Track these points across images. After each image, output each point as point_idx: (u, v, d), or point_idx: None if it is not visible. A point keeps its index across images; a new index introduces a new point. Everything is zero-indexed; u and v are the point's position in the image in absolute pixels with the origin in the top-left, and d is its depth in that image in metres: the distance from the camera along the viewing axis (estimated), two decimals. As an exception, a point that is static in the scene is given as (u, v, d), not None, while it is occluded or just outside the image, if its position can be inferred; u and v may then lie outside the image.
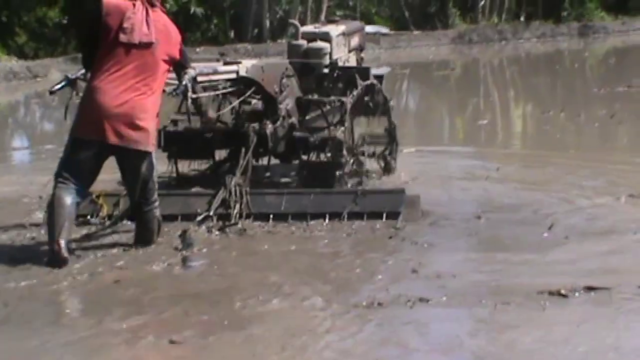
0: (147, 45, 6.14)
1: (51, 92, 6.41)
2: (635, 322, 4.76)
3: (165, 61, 6.25)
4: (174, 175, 7.74)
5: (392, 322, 4.86)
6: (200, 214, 6.81)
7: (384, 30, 29.44)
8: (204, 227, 6.75)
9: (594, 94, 15.74)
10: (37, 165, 10.47)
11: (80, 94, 6.27)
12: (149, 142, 6.16)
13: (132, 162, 6.19)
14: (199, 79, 6.75)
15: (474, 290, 5.23)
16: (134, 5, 6.17)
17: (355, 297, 5.21)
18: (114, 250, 6.24)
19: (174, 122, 7.62)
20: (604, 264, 5.72)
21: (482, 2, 33.33)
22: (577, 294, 5.08)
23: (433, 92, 19.03)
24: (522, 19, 33.76)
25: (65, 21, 27.68)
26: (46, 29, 27.50)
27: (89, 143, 6.12)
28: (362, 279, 5.63)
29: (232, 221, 6.77)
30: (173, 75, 6.54)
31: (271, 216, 6.85)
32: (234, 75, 7.17)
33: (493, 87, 19.62)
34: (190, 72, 6.49)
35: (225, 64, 7.27)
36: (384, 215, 6.80)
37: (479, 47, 28.57)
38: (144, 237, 6.34)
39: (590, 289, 5.11)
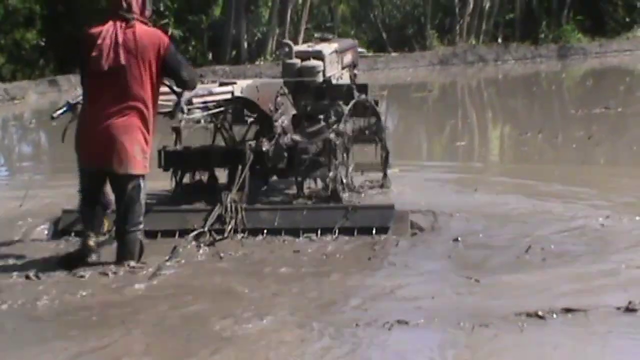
0: (118, 70, 6.14)
1: (53, 118, 6.63)
2: (612, 344, 4.76)
3: (147, 78, 6.21)
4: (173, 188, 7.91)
5: (370, 344, 4.84)
6: (195, 230, 6.91)
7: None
8: (194, 242, 6.80)
9: (571, 115, 15.80)
10: (14, 184, 10.45)
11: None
12: (133, 165, 6.18)
13: (117, 183, 6.26)
14: (194, 100, 6.84)
15: (452, 312, 5.22)
16: (101, 30, 6.20)
17: (334, 318, 5.20)
18: (87, 273, 6.19)
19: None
20: (581, 286, 5.72)
21: (460, 24, 33.50)
22: (554, 315, 5.07)
23: (411, 113, 19.06)
24: (499, 41, 33.93)
25: (43, 43, 27.62)
26: (24, 51, 27.44)
27: (89, 171, 6.33)
28: (341, 299, 5.61)
29: (226, 236, 6.88)
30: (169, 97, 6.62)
31: (265, 231, 6.99)
32: (229, 96, 7.32)
33: (471, 109, 19.67)
34: (185, 94, 6.53)
35: (221, 84, 7.47)
36: (374, 230, 6.93)
37: (457, 69, 28.67)
38: (124, 258, 6.27)
39: (567, 310, 5.11)
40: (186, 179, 7.93)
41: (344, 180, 7.92)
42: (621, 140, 13.01)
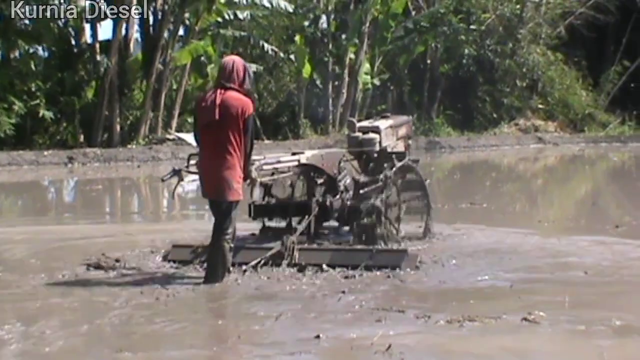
0: (214, 123, 8.23)
1: (163, 180, 8.99)
2: None
3: (234, 132, 8.21)
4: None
5: None
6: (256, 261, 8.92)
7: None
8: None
9: (437, 209, 15.99)
10: None
11: (183, 181, 9.01)
12: (230, 194, 8.26)
13: (217, 206, 8.41)
14: (265, 167, 8.99)
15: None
16: (208, 95, 8.38)
17: None
18: None
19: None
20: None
21: (333, 114, 33.94)
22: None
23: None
24: (371, 132, 34.49)
25: None
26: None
27: (209, 200, 8.52)
28: None
29: (283, 267, 8.90)
30: None
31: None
32: (296, 163, 9.41)
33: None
34: (256, 163, 8.72)
35: (293, 154, 9.60)
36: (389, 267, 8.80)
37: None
38: (213, 259, 8.41)
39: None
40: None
41: (390, 230, 9.90)
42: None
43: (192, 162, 8.84)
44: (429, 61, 37.73)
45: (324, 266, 8.89)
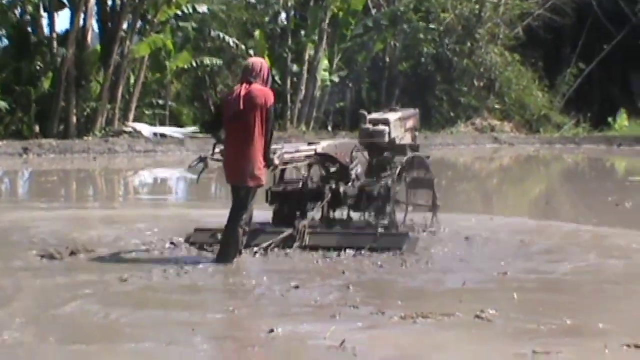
0: (238, 114, 8.93)
1: (190, 167, 9.88)
2: None
3: (259, 120, 8.90)
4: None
5: None
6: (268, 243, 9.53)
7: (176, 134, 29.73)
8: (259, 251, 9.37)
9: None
10: None
11: (207, 168, 9.56)
12: (250, 180, 8.97)
13: (237, 192, 9.11)
14: (286, 156, 9.58)
15: None
16: (234, 89, 9.18)
17: None
18: None
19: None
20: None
21: (290, 111, 33.93)
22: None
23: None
24: (329, 128, 34.57)
25: None
26: None
27: (231, 185, 9.20)
28: None
29: (293, 249, 9.51)
30: None
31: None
32: (312, 152, 10.09)
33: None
34: (277, 152, 9.36)
35: (309, 144, 10.45)
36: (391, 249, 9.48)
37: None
38: (226, 240, 9.06)
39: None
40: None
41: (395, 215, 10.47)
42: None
43: (217, 150, 9.36)
44: (387, 59, 37.82)
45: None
